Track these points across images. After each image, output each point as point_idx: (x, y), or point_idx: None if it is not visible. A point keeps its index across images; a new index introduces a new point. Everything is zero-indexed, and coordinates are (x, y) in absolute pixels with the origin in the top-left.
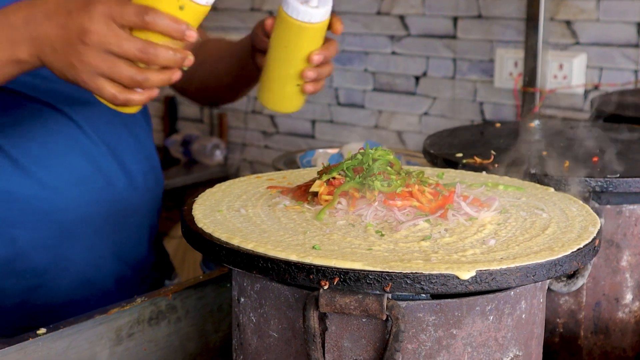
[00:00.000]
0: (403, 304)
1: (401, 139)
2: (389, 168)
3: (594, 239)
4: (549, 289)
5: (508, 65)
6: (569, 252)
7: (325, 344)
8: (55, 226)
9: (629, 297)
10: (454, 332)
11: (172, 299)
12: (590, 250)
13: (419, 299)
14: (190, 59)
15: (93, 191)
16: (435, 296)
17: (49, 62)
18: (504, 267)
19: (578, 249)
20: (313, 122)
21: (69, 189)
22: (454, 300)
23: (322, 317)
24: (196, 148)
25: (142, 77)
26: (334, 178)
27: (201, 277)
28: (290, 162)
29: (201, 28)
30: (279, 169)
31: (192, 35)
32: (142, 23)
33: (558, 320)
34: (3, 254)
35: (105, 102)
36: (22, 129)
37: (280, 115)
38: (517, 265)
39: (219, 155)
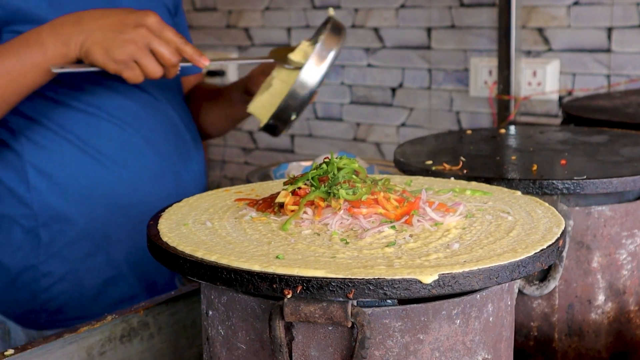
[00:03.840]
0: (368, 310)
1: (380, 150)
2: (354, 176)
3: (558, 239)
4: (521, 292)
5: (482, 74)
6: (532, 253)
7: (293, 354)
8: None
9: (601, 298)
10: (421, 337)
11: (144, 316)
12: (554, 251)
13: (385, 305)
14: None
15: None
16: (402, 302)
17: (95, 48)
18: (467, 269)
19: (541, 250)
20: (292, 136)
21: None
22: (420, 305)
23: (289, 327)
24: None
25: (158, 69)
26: (299, 188)
27: (173, 293)
28: (264, 176)
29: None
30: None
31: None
32: (178, 41)
33: (532, 323)
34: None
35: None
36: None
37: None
38: (480, 267)
39: None
